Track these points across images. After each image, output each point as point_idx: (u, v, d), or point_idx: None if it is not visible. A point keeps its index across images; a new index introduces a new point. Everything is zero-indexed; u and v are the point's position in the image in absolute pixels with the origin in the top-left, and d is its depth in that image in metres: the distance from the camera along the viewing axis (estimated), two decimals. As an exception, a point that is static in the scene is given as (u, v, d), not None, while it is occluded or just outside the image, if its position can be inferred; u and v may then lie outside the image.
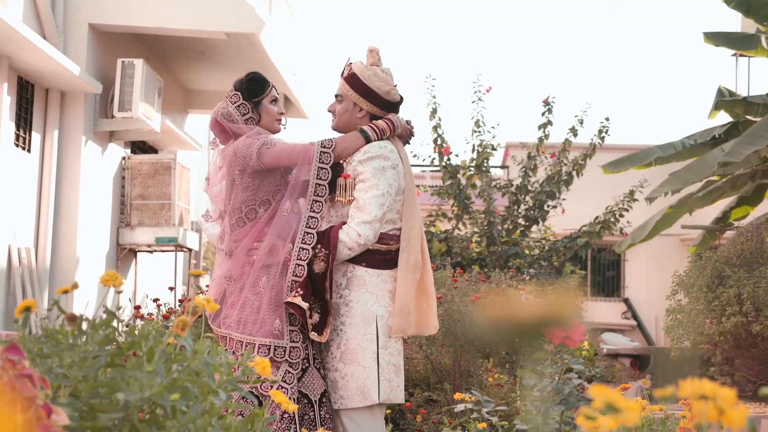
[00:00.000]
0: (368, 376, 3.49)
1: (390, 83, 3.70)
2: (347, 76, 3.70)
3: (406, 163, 3.70)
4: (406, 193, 3.64)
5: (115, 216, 9.98)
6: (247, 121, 3.68)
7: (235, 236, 3.62)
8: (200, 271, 2.12)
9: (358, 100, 3.67)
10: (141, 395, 1.79)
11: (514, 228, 10.02)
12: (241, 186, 3.58)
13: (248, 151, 3.54)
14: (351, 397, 3.51)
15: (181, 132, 11.28)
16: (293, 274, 3.48)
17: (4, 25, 7.35)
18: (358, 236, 3.49)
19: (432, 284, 3.72)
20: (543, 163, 10.23)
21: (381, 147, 3.57)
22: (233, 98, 3.71)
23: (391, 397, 3.57)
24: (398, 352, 3.62)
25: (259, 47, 9.82)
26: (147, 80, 9.41)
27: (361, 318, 3.53)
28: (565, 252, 9.85)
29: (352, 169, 3.58)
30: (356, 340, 3.53)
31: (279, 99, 3.80)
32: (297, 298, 3.43)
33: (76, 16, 9.11)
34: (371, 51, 3.76)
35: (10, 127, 8.28)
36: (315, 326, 3.47)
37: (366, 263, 3.57)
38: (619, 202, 10.13)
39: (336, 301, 3.56)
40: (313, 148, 3.56)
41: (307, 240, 3.51)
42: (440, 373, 5.34)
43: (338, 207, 3.64)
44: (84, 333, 1.90)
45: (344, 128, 3.71)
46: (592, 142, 10.25)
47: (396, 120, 3.70)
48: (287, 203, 3.58)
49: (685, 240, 19.62)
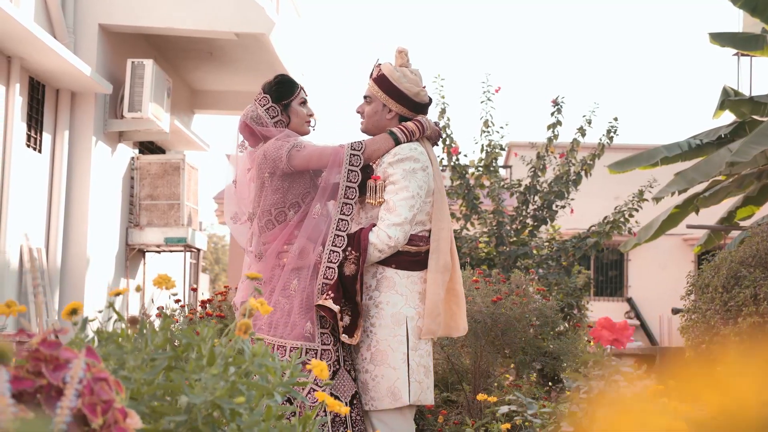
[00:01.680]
0: (399, 377, 3.50)
1: (419, 84, 3.71)
2: (376, 78, 3.71)
3: (435, 164, 3.71)
4: (435, 194, 3.65)
5: (124, 216, 9.98)
6: (276, 124, 3.68)
7: (264, 239, 3.62)
8: (257, 274, 2.13)
9: (387, 101, 3.68)
10: (205, 398, 1.79)
11: (522, 228, 10.02)
12: (270, 188, 3.59)
13: (278, 153, 3.54)
14: (381, 398, 3.51)
15: (189, 132, 11.29)
16: (324, 276, 3.48)
17: (18, 26, 7.35)
18: (389, 238, 3.49)
19: (461, 286, 3.73)
20: (551, 163, 10.23)
21: (411, 149, 3.58)
22: (262, 101, 3.71)
23: (422, 399, 3.57)
24: (428, 353, 3.63)
25: (269, 47, 9.82)
26: (156, 80, 9.42)
27: (391, 319, 3.54)
28: (574, 252, 9.86)
29: (382, 171, 3.58)
30: (386, 342, 3.53)
31: (308, 100, 3.80)
32: (328, 300, 3.44)
33: (86, 16, 9.11)
34: (400, 52, 3.76)
35: (21, 128, 8.28)
36: (346, 328, 3.47)
37: (396, 265, 3.57)
38: (628, 202, 10.13)
39: (366, 302, 3.57)
40: (343, 150, 3.57)
41: (338, 242, 3.52)
42: (459, 374, 5.35)
43: (368, 209, 3.64)
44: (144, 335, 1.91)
45: (373, 130, 3.72)
46: (601, 141, 10.25)
47: (425, 121, 3.70)
48: (317, 206, 3.59)
49: (688, 240, 19.65)
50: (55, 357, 1.51)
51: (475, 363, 5.09)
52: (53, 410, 1.43)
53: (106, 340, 1.95)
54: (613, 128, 10.35)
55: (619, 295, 20.53)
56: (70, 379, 1.40)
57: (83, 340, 1.96)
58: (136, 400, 1.89)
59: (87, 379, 1.48)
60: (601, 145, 10.23)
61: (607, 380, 2.51)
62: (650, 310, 19.67)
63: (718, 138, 12.50)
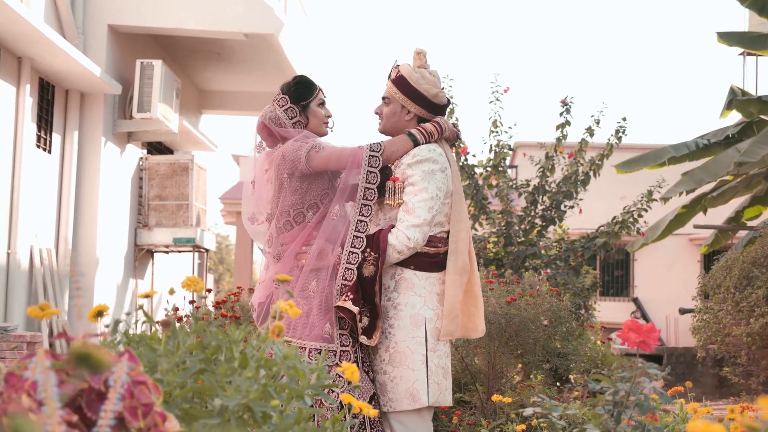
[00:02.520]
0: (417, 378, 3.50)
1: (438, 86, 3.70)
2: (395, 79, 3.70)
3: (454, 165, 3.70)
4: (454, 195, 3.65)
5: (133, 217, 9.99)
6: (295, 125, 3.68)
7: (283, 240, 3.62)
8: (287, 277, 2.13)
9: (405, 102, 3.67)
10: (239, 400, 1.79)
11: (531, 228, 10.02)
12: (289, 189, 3.58)
13: (297, 154, 3.54)
14: (400, 399, 3.51)
15: (197, 132, 11.29)
16: (343, 278, 3.48)
17: (29, 26, 7.36)
18: (408, 240, 3.49)
19: (479, 287, 3.73)
20: (560, 163, 10.23)
21: (430, 150, 3.58)
22: (281, 101, 3.70)
23: (440, 400, 3.57)
24: (446, 354, 3.62)
25: (277, 48, 9.83)
26: (165, 81, 9.42)
27: (409, 321, 3.54)
28: (583, 252, 9.86)
29: (401, 173, 3.58)
30: (405, 343, 3.53)
31: (326, 102, 3.80)
32: (347, 302, 3.43)
33: (95, 17, 9.12)
34: (418, 53, 3.76)
35: (31, 128, 8.29)
36: (364, 330, 3.47)
37: (414, 266, 3.57)
38: (637, 202, 10.12)
39: (384, 304, 3.56)
40: (362, 151, 3.56)
41: (357, 244, 3.51)
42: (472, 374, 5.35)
43: (387, 210, 3.64)
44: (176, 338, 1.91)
45: (391, 131, 3.72)
46: (609, 141, 10.25)
47: (443, 123, 3.70)
48: (336, 207, 3.59)
49: (694, 240, 19.63)
50: (95, 360, 1.51)
51: (489, 364, 5.09)
52: (95, 413, 1.43)
53: (137, 342, 1.95)
54: (621, 128, 10.35)
55: (624, 295, 20.51)
56: (113, 383, 1.39)
57: (115, 343, 1.96)
58: (168, 403, 1.89)
59: (127, 383, 1.48)
60: (610, 145, 10.22)
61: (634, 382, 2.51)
62: (656, 310, 19.65)
63: (726, 138, 12.49)
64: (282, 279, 2.17)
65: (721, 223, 13.76)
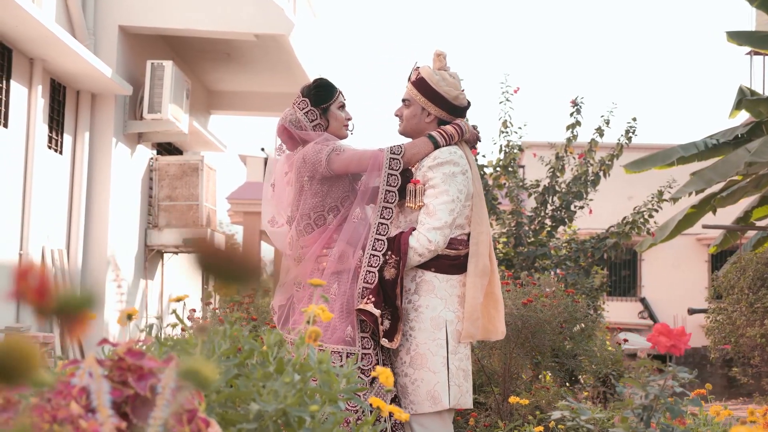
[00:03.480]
0: (438, 381, 3.50)
1: (458, 88, 3.71)
2: (415, 81, 3.71)
3: (474, 168, 3.71)
4: (474, 198, 3.65)
5: (143, 217, 10.00)
6: (315, 128, 3.68)
7: (303, 242, 3.62)
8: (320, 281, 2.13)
9: (426, 104, 3.68)
10: (277, 406, 1.80)
11: (541, 228, 10.02)
12: (310, 192, 3.59)
13: (317, 157, 3.54)
14: (421, 402, 3.51)
15: (206, 133, 11.30)
16: (364, 280, 3.48)
17: (41, 27, 7.37)
18: (429, 242, 3.49)
19: (499, 289, 3.73)
20: (569, 163, 10.23)
21: (450, 153, 3.58)
22: (301, 104, 3.71)
23: (461, 402, 3.57)
24: (467, 357, 3.63)
25: (287, 48, 9.83)
26: (176, 82, 9.43)
27: (430, 323, 3.54)
28: (593, 253, 9.85)
29: (422, 175, 3.58)
30: (426, 346, 3.53)
31: (346, 104, 3.80)
32: (369, 305, 3.44)
33: (106, 18, 9.13)
34: (438, 55, 3.76)
35: (43, 130, 8.31)
36: (386, 332, 3.47)
37: (435, 268, 3.58)
38: (648, 203, 10.12)
39: (405, 306, 3.57)
40: (383, 154, 3.57)
41: (378, 247, 3.52)
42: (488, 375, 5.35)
43: (407, 213, 3.64)
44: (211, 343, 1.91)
45: (412, 133, 3.72)
46: (619, 142, 10.24)
47: (464, 125, 3.71)
48: (357, 210, 3.59)
49: (702, 239, 19.61)
50: (140, 366, 1.51)
51: (505, 365, 5.09)
52: (142, 420, 1.43)
53: (172, 347, 1.95)
54: (631, 128, 10.34)
55: (631, 294, 20.49)
56: (161, 389, 1.40)
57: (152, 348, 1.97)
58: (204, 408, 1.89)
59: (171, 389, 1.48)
60: (620, 146, 10.22)
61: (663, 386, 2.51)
62: (664, 310, 19.63)
63: (735, 138, 12.46)
64: (315, 284, 2.17)
65: (729, 223, 13.73)
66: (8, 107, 7.75)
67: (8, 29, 7.43)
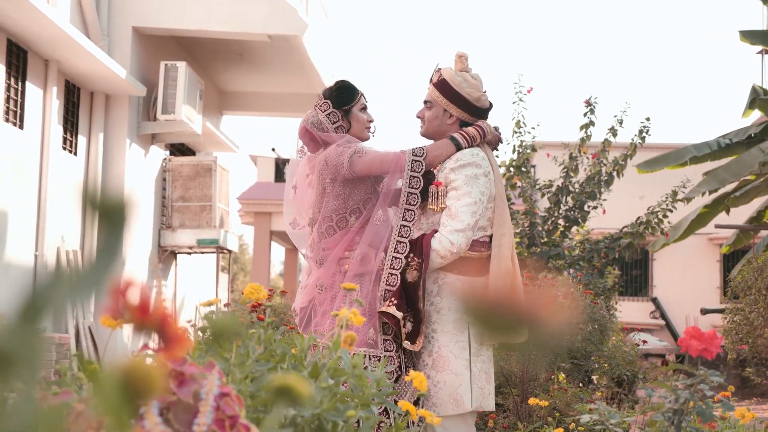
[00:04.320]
0: (461, 383, 3.49)
1: (480, 89, 3.69)
2: (437, 82, 3.70)
3: (496, 169, 3.70)
4: (497, 200, 3.64)
5: (157, 218, 10.01)
6: (337, 129, 3.67)
7: (325, 245, 3.62)
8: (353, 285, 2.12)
9: (448, 106, 3.67)
10: (313, 411, 1.79)
11: (554, 229, 10.01)
12: (332, 194, 3.58)
13: (339, 159, 3.54)
14: (443, 404, 3.50)
15: (219, 133, 11.31)
16: (386, 283, 3.47)
17: (57, 29, 7.39)
18: (451, 245, 3.48)
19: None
20: (583, 163, 10.21)
21: (473, 154, 3.57)
22: (323, 106, 3.70)
23: (483, 405, 3.56)
24: (489, 359, 3.62)
25: (300, 49, 9.83)
26: (189, 82, 9.44)
27: (452, 325, 3.53)
28: (606, 253, 9.83)
29: (444, 177, 3.57)
30: (448, 348, 3.52)
31: (367, 106, 3.79)
32: (391, 307, 3.43)
33: (120, 19, 9.14)
34: (460, 57, 3.75)
35: (58, 131, 8.32)
36: (408, 335, 3.47)
37: (457, 270, 3.57)
38: (661, 203, 10.09)
39: (427, 308, 3.56)
40: (405, 156, 3.56)
41: (400, 249, 3.51)
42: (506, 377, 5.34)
43: (429, 215, 3.63)
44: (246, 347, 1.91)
45: (433, 135, 3.71)
46: (633, 141, 10.21)
47: (486, 126, 3.69)
48: (379, 212, 3.59)
49: (714, 239, 19.55)
50: (181, 372, 1.51)
51: (524, 366, 5.08)
52: (186, 427, 1.43)
53: (206, 351, 1.95)
54: (645, 128, 10.31)
55: (642, 294, 20.44)
56: (205, 395, 1.39)
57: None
58: (239, 413, 1.89)
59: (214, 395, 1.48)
60: (633, 145, 10.19)
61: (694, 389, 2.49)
62: (676, 310, 19.57)
63: (748, 137, 12.42)
64: (348, 288, 2.16)
65: (742, 222, 13.69)
66: (23, 109, 7.78)
67: (23, 31, 7.44)
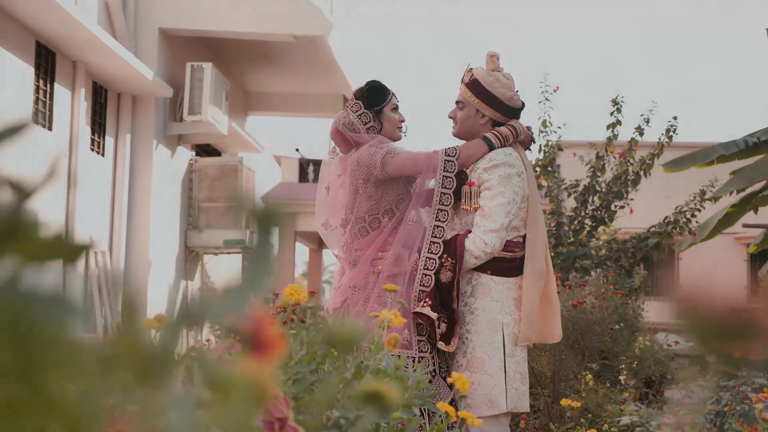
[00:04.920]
0: (496, 384, 3.47)
1: (512, 89, 3.67)
2: (469, 82, 3.68)
3: (529, 169, 3.67)
4: (530, 200, 3.62)
5: (183, 218, 10.05)
6: (368, 130, 3.66)
7: (358, 245, 3.61)
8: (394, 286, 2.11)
9: (480, 106, 3.65)
10: (358, 412, 1.79)
11: (581, 229, 9.95)
12: (364, 195, 3.57)
13: (372, 160, 3.53)
14: (478, 405, 3.49)
15: (244, 134, 11.34)
16: (420, 284, 3.46)
17: (85, 31, 7.43)
18: (485, 245, 3.46)
19: (555, 292, 3.70)
20: (610, 162, 10.15)
21: (506, 154, 3.55)
22: (354, 107, 3.69)
23: (518, 406, 3.54)
24: (524, 360, 3.60)
25: (326, 49, 9.84)
26: (215, 84, 9.47)
27: (487, 326, 3.51)
28: (634, 252, 9.77)
29: (477, 177, 3.55)
30: (482, 349, 3.51)
31: (399, 106, 3.78)
32: (426, 308, 3.42)
33: (146, 21, 9.19)
34: (491, 56, 3.73)
35: (86, 132, 8.37)
36: (442, 336, 3.45)
37: (491, 271, 3.55)
38: (689, 202, 10.01)
39: (461, 309, 3.54)
40: (437, 156, 3.55)
41: (434, 249, 3.49)
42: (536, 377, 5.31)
43: (463, 215, 3.62)
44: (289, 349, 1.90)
45: (466, 135, 3.69)
46: (660, 141, 10.14)
47: (518, 126, 3.67)
48: (412, 212, 3.57)
49: (741, 239, 19.40)
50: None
51: (556, 367, 5.05)
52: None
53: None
54: (672, 127, 10.24)
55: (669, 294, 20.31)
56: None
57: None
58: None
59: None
60: (660, 145, 10.13)
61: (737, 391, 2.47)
62: (702, 309, 19.41)
63: (776, 136, 12.30)
64: (389, 289, 2.15)
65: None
66: (52, 110, 7.82)
67: (52, 33, 7.49)
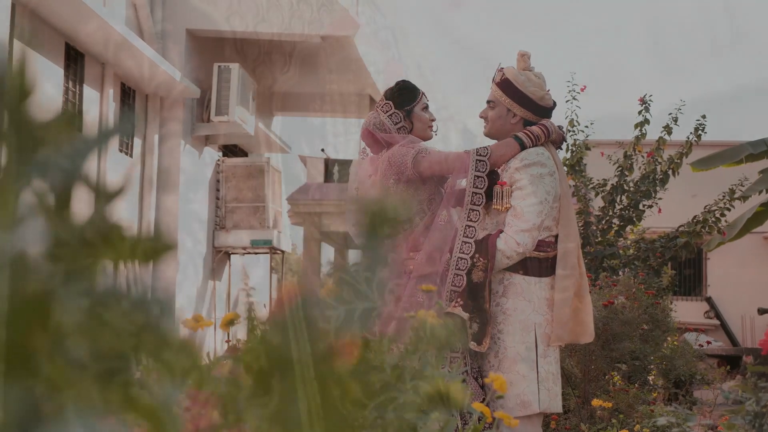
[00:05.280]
0: (528, 385, 3.46)
1: (543, 88, 3.66)
2: (500, 82, 3.66)
3: (561, 168, 3.65)
4: (562, 199, 3.60)
5: (211, 219, 10.09)
6: (399, 130, 3.65)
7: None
8: (431, 287, 2.10)
9: (511, 105, 3.63)
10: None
11: (608, 228, 9.89)
12: (395, 195, 3.57)
13: (403, 159, 3.52)
14: (511, 406, 3.47)
15: (271, 134, 11.37)
16: (452, 284, 3.45)
17: (114, 33, 7.47)
18: (517, 245, 3.45)
19: (587, 291, 3.68)
20: (637, 161, 10.08)
21: (538, 154, 3.53)
22: (385, 107, 3.68)
23: (551, 407, 3.53)
24: (556, 360, 3.58)
25: (352, 49, 9.84)
26: (242, 84, 9.50)
27: (519, 326, 3.49)
28: (662, 252, 9.70)
29: (509, 177, 3.54)
30: (514, 349, 3.49)
31: (429, 106, 3.77)
32: (457, 308, 3.41)
33: (173, 22, 9.23)
34: (522, 56, 3.72)
35: (114, 133, 8.42)
36: (474, 336, 3.44)
37: (523, 271, 3.53)
38: (718, 201, 9.93)
39: (493, 309, 3.53)
40: (469, 156, 3.53)
41: (465, 249, 3.48)
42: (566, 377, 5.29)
43: (494, 215, 3.60)
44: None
45: (497, 135, 3.68)
46: (689, 140, 10.06)
47: (550, 125, 3.65)
48: (443, 212, 3.56)
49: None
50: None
51: (586, 367, 5.03)
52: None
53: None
54: (700, 126, 10.16)
55: (696, 294, 20.14)
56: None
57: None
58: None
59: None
60: (689, 143, 10.05)
61: (776, 393, 2.43)
62: (730, 309, 19.25)
63: (806, 134, 12.18)
64: (427, 289, 2.15)
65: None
66: (81, 112, 7.88)
67: (81, 35, 7.54)
